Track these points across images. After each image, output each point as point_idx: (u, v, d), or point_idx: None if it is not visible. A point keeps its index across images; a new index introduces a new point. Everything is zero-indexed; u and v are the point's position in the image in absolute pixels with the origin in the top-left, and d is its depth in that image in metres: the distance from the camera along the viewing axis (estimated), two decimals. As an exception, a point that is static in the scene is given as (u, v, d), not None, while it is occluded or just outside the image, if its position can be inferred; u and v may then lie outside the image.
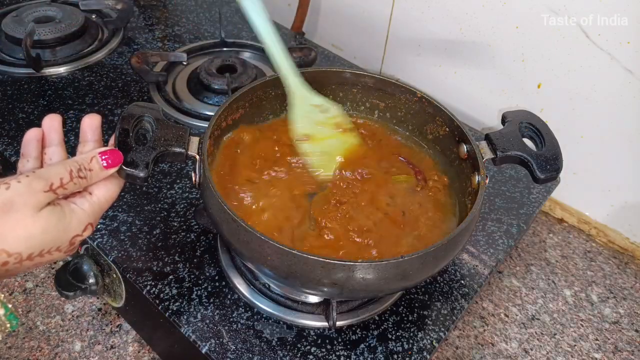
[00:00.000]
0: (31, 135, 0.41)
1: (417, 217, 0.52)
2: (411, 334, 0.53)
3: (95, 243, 0.57)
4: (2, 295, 0.35)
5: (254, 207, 0.51)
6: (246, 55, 0.90)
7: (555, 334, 0.65)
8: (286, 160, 0.56)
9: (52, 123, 0.42)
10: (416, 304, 0.56)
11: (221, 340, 0.50)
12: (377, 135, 0.61)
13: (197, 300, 0.53)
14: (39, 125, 0.42)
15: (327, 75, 0.60)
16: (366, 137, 0.61)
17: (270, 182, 0.54)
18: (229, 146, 0.56)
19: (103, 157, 0.40)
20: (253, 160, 0.55)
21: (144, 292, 0.53)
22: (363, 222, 0.51)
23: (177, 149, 0.45)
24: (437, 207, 0.53)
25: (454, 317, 0.55)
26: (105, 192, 0.41)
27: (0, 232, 0.34)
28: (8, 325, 0.35)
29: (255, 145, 0.57)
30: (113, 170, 0.41)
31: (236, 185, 0.53)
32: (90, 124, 0.42)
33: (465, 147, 0.53)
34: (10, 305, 0.35)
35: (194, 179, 0.47)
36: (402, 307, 0.55)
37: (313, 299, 0.54)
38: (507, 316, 0.67)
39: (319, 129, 0.56)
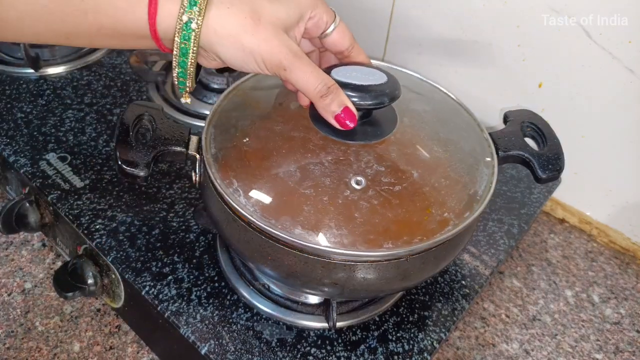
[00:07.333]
0: None
1: None
2: (412, 335, 0.53)
3: (94, 243, 0.57)
4: None
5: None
6: (246, 54, 0.90)
7: (556, 335, 0.65)
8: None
9: None
10: (417, 305, 0.55)
11: (221, 341, 0.50)
12: None
13: (197, 301, 0.53)
14: (38, 124, 0.42)
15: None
16: None
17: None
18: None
19: (342, 113, 0.42)
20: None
21: (143, 293, 0.53)
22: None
23: (177, 148, 0.45)
24: None
25: (454, 318, 0.55)
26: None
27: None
28: None
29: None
30: (335, 123, 0.42)
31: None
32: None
33: (466, 146, 0.53)
34: None
35: (194, 178, 0.47)
36: (402, 308, 0.55)
37: (313, 299, 0.53)
38: (508, 317, 0.67)
39: None
